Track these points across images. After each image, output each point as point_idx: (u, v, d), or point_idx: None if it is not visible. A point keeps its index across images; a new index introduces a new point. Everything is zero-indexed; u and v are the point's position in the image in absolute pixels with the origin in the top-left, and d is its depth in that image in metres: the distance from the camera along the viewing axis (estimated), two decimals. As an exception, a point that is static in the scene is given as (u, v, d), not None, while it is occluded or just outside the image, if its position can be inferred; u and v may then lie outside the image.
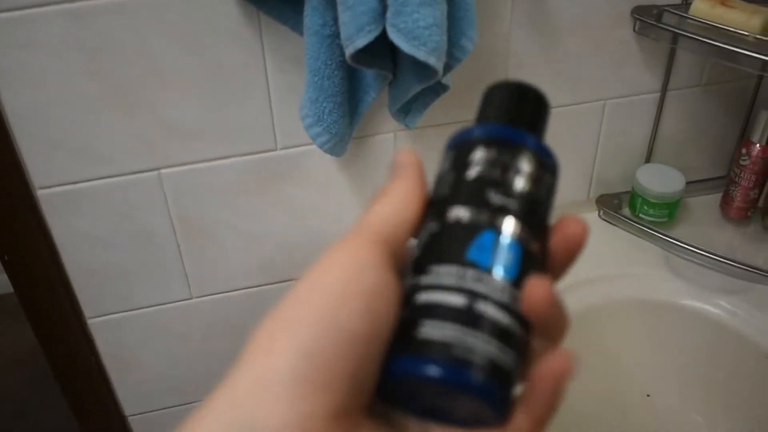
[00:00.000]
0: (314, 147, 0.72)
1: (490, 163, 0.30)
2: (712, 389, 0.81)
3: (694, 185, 0.91)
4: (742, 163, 0.83)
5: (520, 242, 0.28)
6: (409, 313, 0.27)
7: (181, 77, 0.69)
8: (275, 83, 0.72)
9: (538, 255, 0.29)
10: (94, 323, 0.84)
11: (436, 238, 0.29)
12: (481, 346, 0.26)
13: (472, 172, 0.30)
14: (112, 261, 0.80)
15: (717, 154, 0.92)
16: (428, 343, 0.26)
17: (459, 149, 0.31)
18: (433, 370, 0.26)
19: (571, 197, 0.91)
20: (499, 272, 0.27)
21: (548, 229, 0.30)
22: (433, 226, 0.29)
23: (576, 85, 0.81)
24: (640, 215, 0.87)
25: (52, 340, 0.85)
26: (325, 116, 0.68)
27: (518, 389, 0.28)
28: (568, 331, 0.29)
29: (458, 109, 0.78)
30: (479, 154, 0.30)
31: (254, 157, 0.76)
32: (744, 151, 0.83)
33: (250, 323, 0.25)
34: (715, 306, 0.79)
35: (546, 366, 0.27)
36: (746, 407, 0.78)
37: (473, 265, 0.27)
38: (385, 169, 0.81)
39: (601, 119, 0.85)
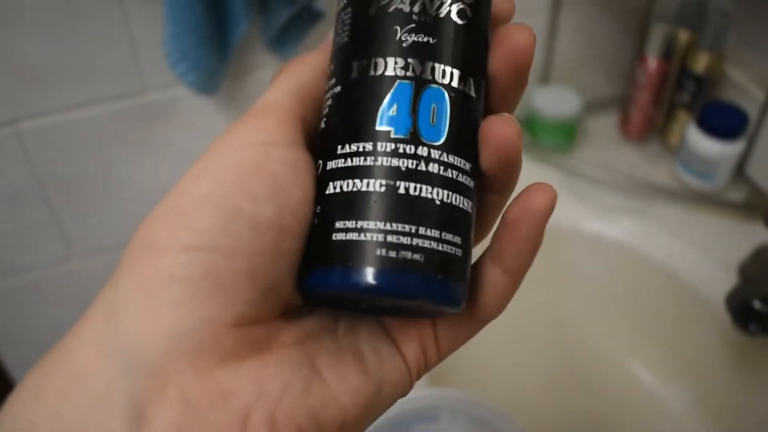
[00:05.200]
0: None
1: None
2: (619, 310, 0.81)
3: (593, 106, 0.89)
4: (638, 80, 0.82)
5: (446, 89, 0.22)
6: (321, 209, 0.22)
7: (28, 15, 0.62)
8: (138, 18, 0.65)
9: (475, 95, 0.23)
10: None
11: (340, 103, 0.23)
12: (409, 239, 0.21)
13: (373, 6, 0.23)
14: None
15: (615, 72, 0.90)
16: (344, 247, 0.21)
17: None
18: (352, 282, 0.21)
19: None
20: (423, 135, 0.22)
21: (486, 52, 0.24)
22: (334, 86, 0.23)
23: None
24: (539, 139, 0.85)
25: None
26: (190, 52, 0.62)
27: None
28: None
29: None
30: None
31: (123, 101, 0.70)
32: (640, 67, 0.81)
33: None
34: (616, 227, 0.78)
35: (519, 208, 0.24)
36: (651, 326, 0.79)
37: (387, 134, 0.22)
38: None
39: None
